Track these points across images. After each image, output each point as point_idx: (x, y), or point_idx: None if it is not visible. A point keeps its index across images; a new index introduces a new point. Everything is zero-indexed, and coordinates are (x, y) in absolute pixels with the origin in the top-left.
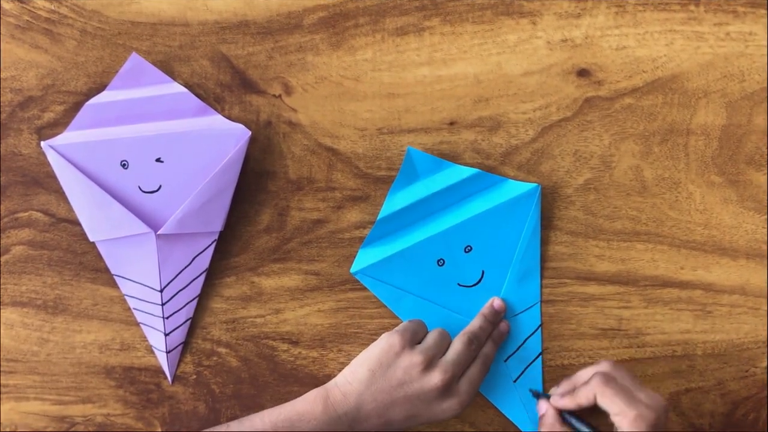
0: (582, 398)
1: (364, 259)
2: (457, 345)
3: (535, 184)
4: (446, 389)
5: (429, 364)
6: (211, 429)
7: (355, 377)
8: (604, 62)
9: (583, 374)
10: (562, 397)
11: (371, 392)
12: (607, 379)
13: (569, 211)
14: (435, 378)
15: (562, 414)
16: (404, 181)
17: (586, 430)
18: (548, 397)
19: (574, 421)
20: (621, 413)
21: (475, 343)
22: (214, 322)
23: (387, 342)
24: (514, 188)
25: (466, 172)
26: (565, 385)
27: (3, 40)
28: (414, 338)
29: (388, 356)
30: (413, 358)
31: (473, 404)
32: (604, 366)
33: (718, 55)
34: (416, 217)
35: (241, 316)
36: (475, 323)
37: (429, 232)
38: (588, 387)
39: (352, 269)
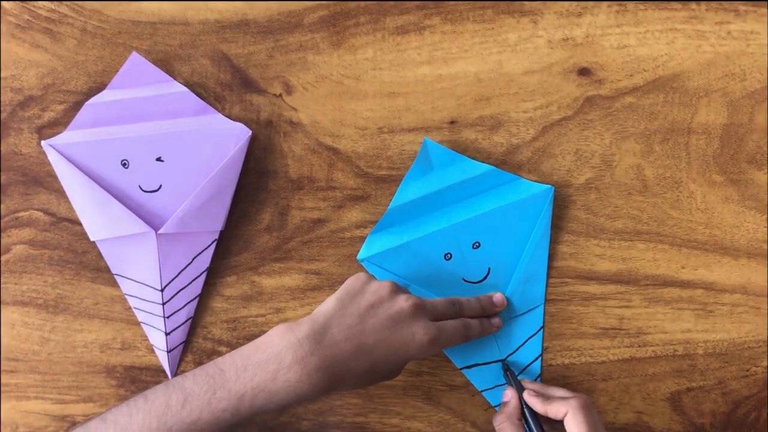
0: (553, 410)
1: (372, 246)
2: (437, 298)
3: (548, 186)
4: (415, 313)
5: (398, 289)
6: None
7: (322, 307)
8: (605, 61)
9: (558, 391)
10: (534, 396)
11: (339, 316)
12: (587, 406)
13: (570, 211)
14: (402, 299)
15: (524, 410)
16: (418, 172)
17: None
18: (521, 387)
19: (532, 423)
20: None
21: (457, 306)
22: (214, 322)
23: (353, 277)
24: (528, 188)
25: (480, 167)
26: (538, 386)
27: (3, 39)
28: None
29: (356, 285)
30: (382, 283)
31: (474, 404)
32: (583, 398)
33: (720, 54)
34: (427, 209)
35: (241, 316)
36: (465, 297)
37: (439, 225)
38: (564, 403)
39: (359, 256)
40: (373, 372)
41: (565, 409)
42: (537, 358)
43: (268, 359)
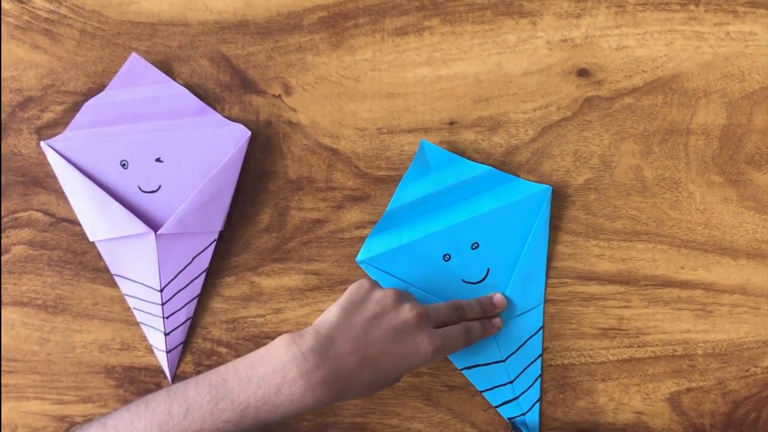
0: None
1: (371, 248)
2: (439, 303)
3: (546, 186)
4: (419, 323)
5: (402, 298)
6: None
7: (326, 317)
8: (604, 62)
9: None
10: None
11: (343, 327)
12: None
13: (570, 211)
14: (406, 309)
15: None
16: (416, 174)
17: None
18: None
19: None
20: None
21: (459, 310)
22: (214, 322)
23: (356, 284)
24: (525, 188)
25: (478, 168)
26: None
27: (3, 40)
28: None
29: (359, 293)
30: (385, 291)
31: (474, 404)
32: None
33: (718, 55)
34: (425, 211)
35: (241, 316)
36: (466, 300)
37: (437, 226)
38: None
39: (358, 258)
40: (377, 382)
41: None
42: (537, 358)
43: (273, 372)
